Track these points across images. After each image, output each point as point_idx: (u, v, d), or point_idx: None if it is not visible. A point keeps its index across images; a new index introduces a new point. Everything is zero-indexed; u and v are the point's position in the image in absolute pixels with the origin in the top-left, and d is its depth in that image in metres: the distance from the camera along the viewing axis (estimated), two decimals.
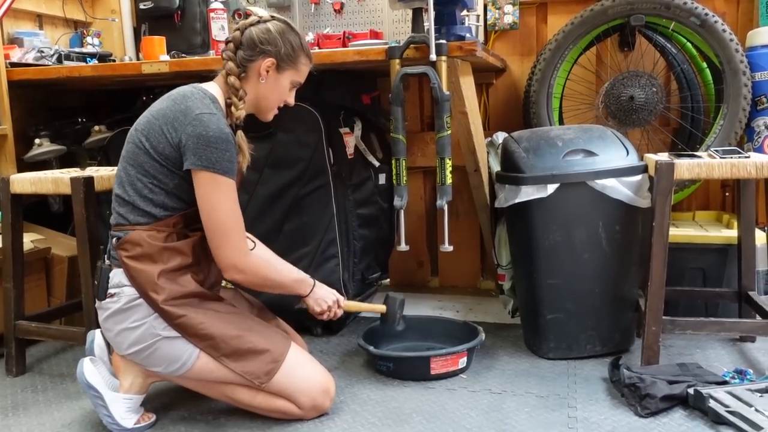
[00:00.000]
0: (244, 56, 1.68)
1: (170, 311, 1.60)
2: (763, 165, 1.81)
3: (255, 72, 1.70)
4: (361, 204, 2.45)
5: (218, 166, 1.57)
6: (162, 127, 1.61)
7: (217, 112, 1.61)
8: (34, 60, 2.52)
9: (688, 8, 2.31)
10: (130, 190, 1.64)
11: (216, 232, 1.61)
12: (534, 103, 2.50)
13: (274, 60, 1.69)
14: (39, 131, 2.61)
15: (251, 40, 1.67)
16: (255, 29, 1.68)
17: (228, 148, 1.59)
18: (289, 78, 1.74)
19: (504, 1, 2.72)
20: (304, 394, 1.68)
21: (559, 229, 1.99)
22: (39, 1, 2.77)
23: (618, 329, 2.08)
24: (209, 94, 1.66)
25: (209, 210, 1.60)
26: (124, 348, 1.64)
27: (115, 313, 1.62)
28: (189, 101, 1.62)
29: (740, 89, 2.30)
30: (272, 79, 1.71)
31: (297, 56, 1.72)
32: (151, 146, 1.62)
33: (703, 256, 2.26)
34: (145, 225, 1.63)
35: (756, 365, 1.98)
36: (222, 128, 1.58)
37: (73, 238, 2.13)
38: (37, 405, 1.91)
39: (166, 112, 1.63)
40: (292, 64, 1.72)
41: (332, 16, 2.77)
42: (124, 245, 1.62)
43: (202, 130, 1.57)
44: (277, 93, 1.75)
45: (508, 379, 1.96)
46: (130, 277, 1.61)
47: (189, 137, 1.57)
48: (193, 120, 1.58)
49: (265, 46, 1.68)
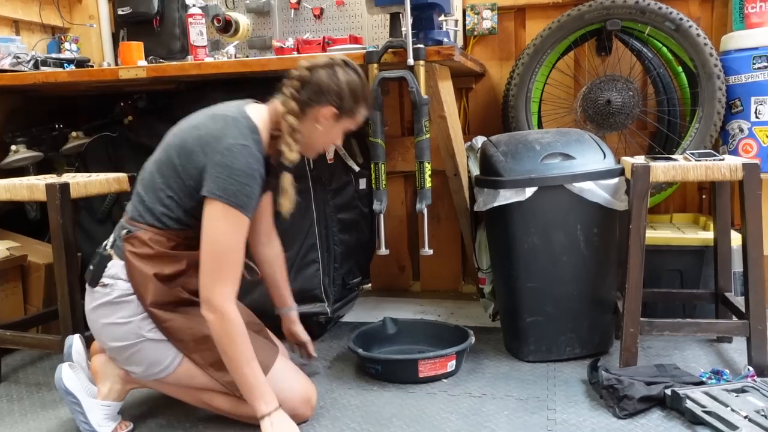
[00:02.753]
0: (307, 98, 1.62)
1: (157, 314, 1.59)
2: (737, 167, 1.83)
3: (313, 116, 1.64)
4: (341, 209, 2.45)
5: (234, 199, 1.52)
6: (194, 149, 1.57)
7: (251, 144, 1.56)
8: (11, 66, 2.49)
9: (663, 13, 2.33)
10: (152, 195, 1.62)
11: (211, 262, 1.54)
12: (513, 108, 2.51)
13: (337, 111, 1.64)
14: (15, 138, 2.59)
15: (318, 85, 1.62)
16: (324, 73, 1.62)
17: (250, 183, 1.54)
18: (345, 126, 1.71)
19: (482, 7, 2.74)
20: (285, 404, 1.66)
21: (538, 232, 2.00)
22: (15, 6, 2.74)
23: (597, 331, 2.09)
24: (251, 123, 1.60)
25: (212, 238, 1.54)
26: (106, 342, 1.63)
27: (104, 305, 1.61)
28: (227, 127, 1.57)
29: (715, 93, 2.33)
30: (329, 126, 1.67)
31: (357, 109, 1.68)
32: (181, 164, 1.59)
33: (680, 258, 2.29)
34: (155, 228, 1.61)
35: (732, 365, 2.00)
36: (250, 163, 1.54)
37: (50, 245, 2.11)
38: (12, 415, 1.88)
39: (202, 133, 1.59)
40: (351, 116, 1.69)
41: (312, 21, 2.78)
42: (132, 240, 1.61)
43: (229, 161, 1.52)
44: (329, 138, 1.71)
45: (488, 383, 1.97)
46: (128, 271, 1.60)
47: (214, 165, 1.54)
48: (224, 149, 1.54)
49: (331, 96, 1.62)
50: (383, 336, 2.24)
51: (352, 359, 2.17)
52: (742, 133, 2.36)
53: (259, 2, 2.79)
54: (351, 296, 2.60)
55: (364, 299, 2.90)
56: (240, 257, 1.58)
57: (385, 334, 2.25)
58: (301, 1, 2.76)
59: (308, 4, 2.76)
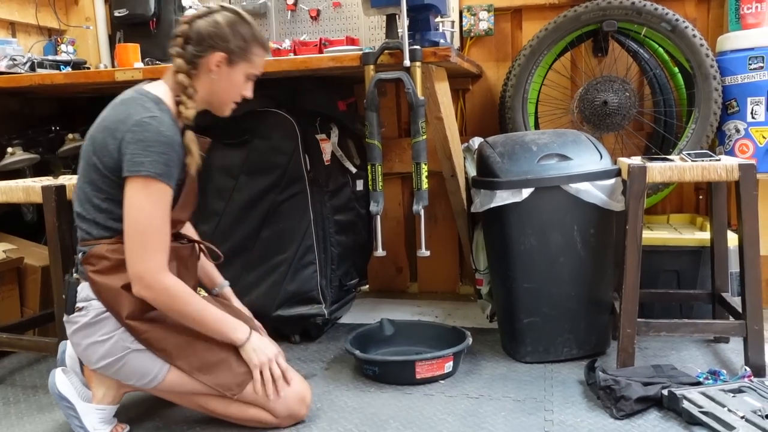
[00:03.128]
0: (193, 52, 1.59)
1: (135, 326, 1.56)
2: (733, 168, 1.84)
3: (205, 67, 1.61)
4: (338, 210, 2.45)
5: (152, 169, 1.49)
6: (105, 140, 1.54)
7: (159, 113, 1.54)
8: (7, 68, 2.49)
9: (659, 14, 2.34)
10: (89, 207, 1.59)
11: (134, 236, 1.51)
12: (509, 109, 2.51)
13: (225, 54, 1.60)
14: (12, 140, 2.58)
15: (199, 34, 1.59)
16: (203, 22, 1.60)
17: (166, 151, 1.51)
18: (243, 71, 1.65)
19: (479, 8, 2.74)
20: (280, 404, 1.67)
21: (535, 233, 2.00)
22: (12, 8, 2.74)
23: (594, 332, 2.09)
24: (152, 95, 1.58)
25: (132, 213, 1.51)
26: (93, 362, 1.61)
27: (83, 326, 1.59)
28: (129, 108, 1.55)
29: (711, 93, 2.33)
30: (224, 73, 1.63)
31: (249, 48, 1.64)
32: (100, 161, 1.55)
33: (677, 258, 2.29)
34: (109, 238, 1.58)
35: (729, 366, 2.01)
36: (161, 130, 1.51)
37: (47, 247, 2.10)
38: (8, 417, 1.88)
39: (107, 123, 1.56)
40: (245, 57, 1.64)
41: (309, 22, 2.77)
42: (90, 259, 1.59)
43: (140, 135, 1.49)
44: (230, 88, 1.66)
45: (486, 384, 1.96)
46: (95, 291, 1.57)
47: (127, 145, 1.50)
48: (133, 126, 1.51)
49: (214, 40, 1.59)
50: (380, 337, 2.24)
51: (349, 361, 2.17)
52: (738, 133, 2.36)
53: (255, 4, 2.79)
54: (348, 298, 2.60)
55: (361, 300, 2.90)
56: (166, 228, 1.55)
57: (382, 336, 2.25)
58: (297, 2, 2.76)
59: (305, 5, 2.76)
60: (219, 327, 1.62)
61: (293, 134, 2.26)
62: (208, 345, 1.62)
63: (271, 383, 1.64)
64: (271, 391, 1.64)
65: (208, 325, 1.61)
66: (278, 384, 1.65)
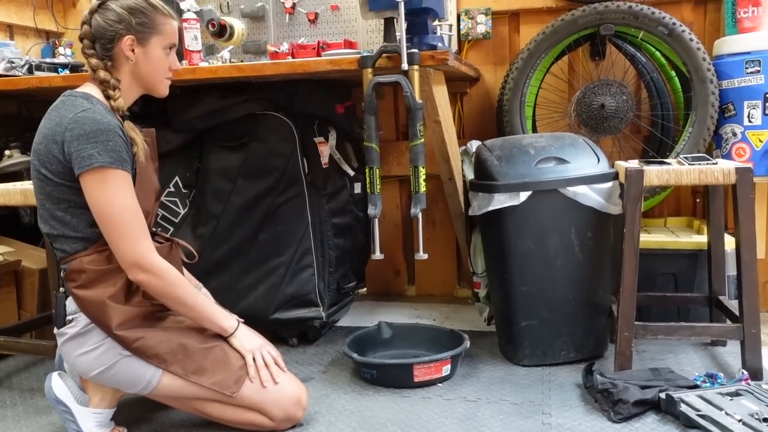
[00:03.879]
0: (102, 46, 1.59)
1: (125, 336, 1.55)
2: (730, 171, 1.84)
3: (121, 56, 1.60)
4: (336, 213, 2.45)
5: (102, 159, 1.48)
6: (47, 147, 1.53)
7: (91, 106, 1.53)
8: (4, 71, 2.49)
9: (656, 18, 2.35)
10: (54, 223, 1.57)
11: (112, 228, 1.51)
12: (507, 112, 2.52)
13: (132, 36, 1.59)
14: (9, 142, 2.58)
15: (100, 28, 1.58)
16: (98, 15, 1.59)
17: (111, 138, 1.49)
18: (158, 45, 1.63)
19: (477, 11, 2.74)
20: (276, 406, 1.66)
21: (532, 236, 2.01)
22: (10, 11, 2.74)
23: (592, 335, 2.10)
24: (80, 93, 1.58)
25: (100, 207, 1.50)
26: (86, 372, 1.60)
27: (73, 337, 1.58)
28: (61, 111, 1.54)
29: (708, 97, 2.34)
30: (140, 54, 1.61)
31: (153, 20, 1.61)
32: (48, 171, 1.54)
33: (674, 261, 2.29)
34: (84, 251, 1.57)
35: (726, 369, 2.01)
36: (98, 119, 1.50)
37: (45, 250, 2.10)
38: (5, 420, 1.88)
39: (45, 131, 1.55)
40: (153, 30, 1.62)
41: (307, 26, 2.78)
42: (71, 276, 1.57)
43: (79, 130, 1.49)
44: (153, 65, 1.64)
45: (483, 387, 1.96)
46: (81, 307, 1.56)
47: (70, 144, 1.49)
48: (69, 125, 1.50)
49: (116, 28, 1.58)
50: (378, 340, 2.24)
51: (347, 364, 2.17)
52: (735, 137, 2.37)
53: (253, 7, 2.79)
54: (346, 301, 2.60)
55: (359, 303, 2.90)
56: (137, 209, 1.54)
57: (380, 339, 2.25)
58: (296, 5, 2.77)
59: (303, 8, 2.76)
60: (210, 313, 1.64)
61: (291, 137, 2.26)
62: (200, 347, 1.62)
63: (265, 369, 1.65)
64: (266, 375, 1.64)
65: (199, 311, 1.62)
66: (272, 369, 1.66)
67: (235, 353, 1.64)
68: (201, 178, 2.37)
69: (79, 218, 1.56)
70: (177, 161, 2.38)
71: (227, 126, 2.31)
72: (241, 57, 2.80)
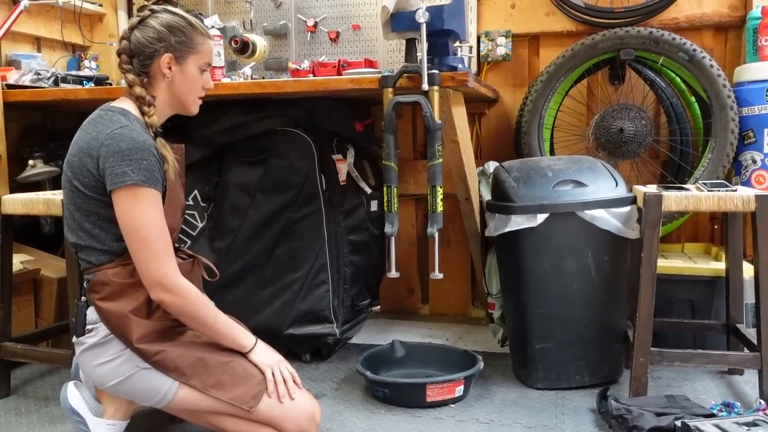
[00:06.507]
0: (140, 62, 1.61)
1: (145, 349, 1.56)
2: (750, 198, 1.83)
3: (158, 73, 1.61)
4: (352, 230, 2.46)
5: (135, 177, 1.49)
6: (81, 160, 1.54)
7: (129, 123, 1.55)
8: (31, 82, 2.54)
9: (676, 44, 2.35)
10: (82, 234, 1.59)
11: (139, 246, 1.51)
12: (525, 134, 2.53)
13: (171, 54, 1.60)
14: (33, 152, 2.61)
15: (140, 44, 1.59)
16: (138, 32, 1.60)
17: (145, 157, 1.51)
18: (195, 63, 1.65)
19: (497, 34, 2.76)
20: (290, 422, 1.66)
21: (549, 258, 2.00)
22: (38, 24, 2.80)
23: (607, 360, 2.08)
24: (118, 108, 1.59)
25: (130, 224, 1.51)
26: (102, 382, 1.61)
27: (92, 347, 1.59)
28: (98, 125, 1.56)
29: (728, 123, 2.33)
30: (177, 72, 1.63)
31: (191, 39, 1.63)
32: (81, 183, 1.55)
33: (691, 287, 2.28)
34: (109, 263, 1.58)
35: (743, 398, 1.98)
36: (135, 137, 1.51)
37: (64, 259, 2.13)
38: (20, 428, 1.89)
39: (80, 144, 1.56)
40: (191, 49, 1.63)
41: (328, 44, 2.81)
42: (95, 287, 1.58)
43: (115, 147, 1.50)
44: (189, 84, 1.65)
45: (496, 409, 1.95)
46: (103, 319, 1.57)
47: (105, 159, 1.50)
48: (106, 140, 1.51)
49: (155, 45, 1.59)
50: (391, 359, 2.24)
51: (359, 381, 2.17)
52: (755, 164, 2.36)
53: (276, 25, 2.83)
54: (360, 318, 2.60)
55: (372, 321, 2.89)
56: (165, 228, 1.55)
57: (393, 357, 2.24)
58: (317, 24, 2.81)
59: (325, 27, 2.80)
60: (230, 331, 1.64)
61: (310, 154, 2.28)
62: (219, 361, 1.62)
63: (283, 384, 1.65)
64: (284, 391, 1.64)
65: (220, 330, 1.62)
66: (289, 385, 1.66)
67: (252, 368, 1.64)
68: (220, 192, 2.39)
69: (107, 231, 1.58)
70: (196, 175, 2.40)
71: (247, 141, 2.33)
72: (262, 73, 2.84)
